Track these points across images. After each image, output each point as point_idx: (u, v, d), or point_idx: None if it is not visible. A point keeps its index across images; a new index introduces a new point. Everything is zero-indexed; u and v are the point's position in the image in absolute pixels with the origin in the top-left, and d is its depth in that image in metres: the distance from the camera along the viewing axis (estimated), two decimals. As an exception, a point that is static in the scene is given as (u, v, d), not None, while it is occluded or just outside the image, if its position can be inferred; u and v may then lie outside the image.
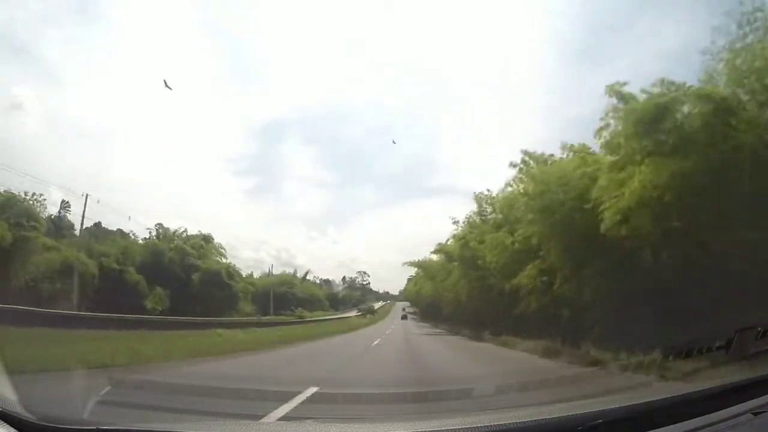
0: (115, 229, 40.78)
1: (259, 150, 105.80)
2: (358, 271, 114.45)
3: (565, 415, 1.96)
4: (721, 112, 8.57)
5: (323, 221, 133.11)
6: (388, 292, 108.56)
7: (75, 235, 34.42)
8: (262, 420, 3.60)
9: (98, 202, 30.27)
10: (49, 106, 62.73)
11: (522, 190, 15.54)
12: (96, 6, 71.18)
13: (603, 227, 9.88)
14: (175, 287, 34.02)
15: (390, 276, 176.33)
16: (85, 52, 70.28)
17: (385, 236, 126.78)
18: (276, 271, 60.30)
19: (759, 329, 4.91)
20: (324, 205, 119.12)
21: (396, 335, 25.46)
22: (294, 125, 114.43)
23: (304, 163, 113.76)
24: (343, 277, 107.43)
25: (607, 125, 10.84)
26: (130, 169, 70.43)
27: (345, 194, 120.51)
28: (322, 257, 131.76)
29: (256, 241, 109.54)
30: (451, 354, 14.12)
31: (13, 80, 53.23)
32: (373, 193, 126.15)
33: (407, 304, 78.83)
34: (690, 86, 9.27)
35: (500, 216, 19.68)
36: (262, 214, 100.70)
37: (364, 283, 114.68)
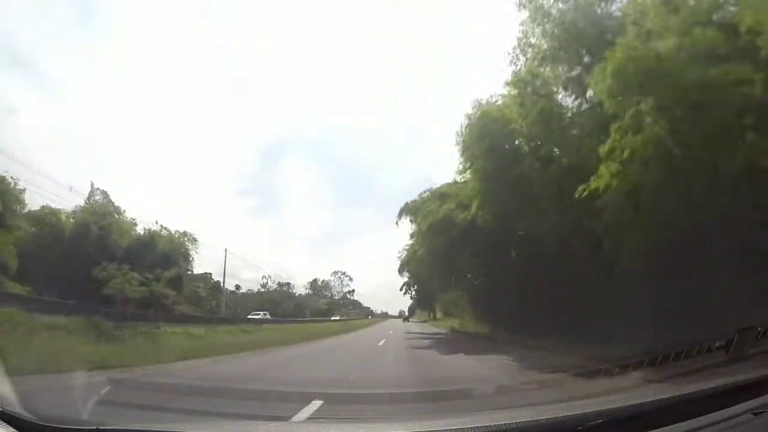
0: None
1: (260, 169, 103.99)
2: (334, 272, 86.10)
3: (565, 415, 1.96)
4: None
5: (323, 241, 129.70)
6: (386, 312, 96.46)
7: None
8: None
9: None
10: (50, 116, 62.75)
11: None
12: (105, 23, 70.64)
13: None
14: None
15: (391, 298, 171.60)
16: (89, 65, 70.14)
17: (386, 257, 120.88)
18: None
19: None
20: (324, 226, 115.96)
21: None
22: (295, 145, 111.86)
23: (305, 183, 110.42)
24: (314, 280, 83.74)
25: None
26: (130, 185, 70.41)
27: (346, 215, 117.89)
28: (322, 277, 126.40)
29: (256, 260, 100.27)
30: None
31: (12, 86, 52.54)
32: (374, 214, 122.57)
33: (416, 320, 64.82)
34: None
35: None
36: (263, 234, 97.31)
37: (346, 290, 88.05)
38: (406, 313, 79.72)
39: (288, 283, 69.52)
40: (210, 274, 46.21)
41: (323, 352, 14.35)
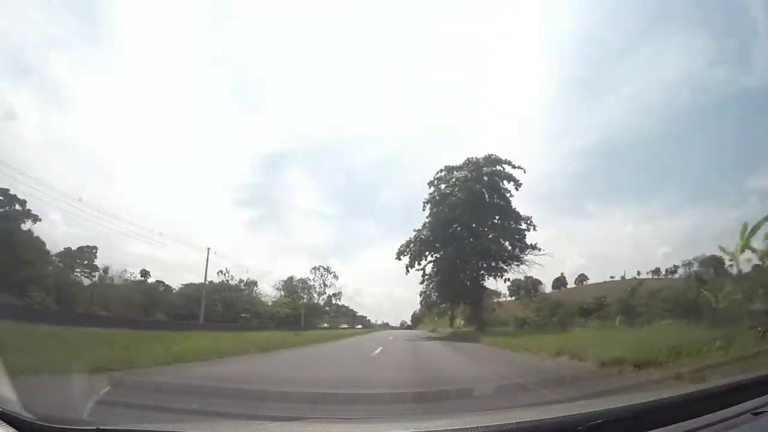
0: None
1: (261, 180, 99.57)
2: (314, 268, 71.86)
3: (565, 415, 1.96)
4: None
5: (325, 254, 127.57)
6: (387, 323, 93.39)
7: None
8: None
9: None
10: (49, 124, 62.99)
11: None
12: (107, 34, 70.08)
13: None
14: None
15: (394, 311, 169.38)
16: (90, 74, 69.88)
17: (389, 270, 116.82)
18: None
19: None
20: (327, 238, 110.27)
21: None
22: (297, 157, 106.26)
23: (307, 195, 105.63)
24: (290, 278, 69.54)
25: None
26: (129, 197, 70.56)
27: (348, 227, 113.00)
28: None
29: (257, 272, 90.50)
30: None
31: (10, 93, 52.70)
32: (376, 226, 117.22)
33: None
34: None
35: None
36: (263, 245, 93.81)
37: (330, 292, 71.45)
38: (408, 322, 72.41)
39: (255, 281, 58.01)
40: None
41: None
